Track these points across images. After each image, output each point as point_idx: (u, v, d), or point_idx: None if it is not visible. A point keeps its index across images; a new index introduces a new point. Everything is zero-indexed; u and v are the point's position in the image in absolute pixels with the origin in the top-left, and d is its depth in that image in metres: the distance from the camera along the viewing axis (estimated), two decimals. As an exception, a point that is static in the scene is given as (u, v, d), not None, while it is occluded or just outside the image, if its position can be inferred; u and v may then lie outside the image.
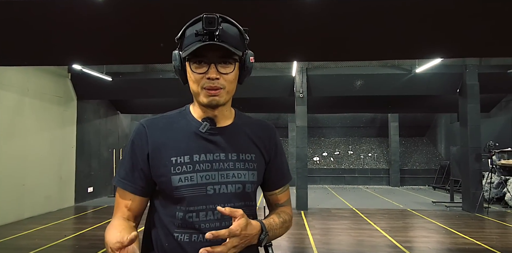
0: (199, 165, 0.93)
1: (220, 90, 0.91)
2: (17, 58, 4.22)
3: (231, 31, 0.90)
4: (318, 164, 13.86)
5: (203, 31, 0.86)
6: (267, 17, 3.33)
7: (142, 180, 0.95)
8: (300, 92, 8.04)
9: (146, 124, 0.98)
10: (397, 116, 13.43)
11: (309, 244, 4.99)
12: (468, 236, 5.45)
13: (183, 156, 0.93)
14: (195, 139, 0.95)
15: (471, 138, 7.48)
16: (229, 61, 0.91)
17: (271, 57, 4.67)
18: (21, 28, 3.52)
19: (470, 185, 7.41)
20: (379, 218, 6.91)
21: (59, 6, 3.34)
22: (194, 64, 0.90)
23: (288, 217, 1.06)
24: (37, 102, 7.14)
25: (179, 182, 0.91)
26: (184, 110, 1.03)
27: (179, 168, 0.92)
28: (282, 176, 1.09)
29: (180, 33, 0.93)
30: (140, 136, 0.96)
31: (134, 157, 0.95)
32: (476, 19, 3.24)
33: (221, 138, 0.97)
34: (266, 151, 1.04)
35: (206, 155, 0.94)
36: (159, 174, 0.93)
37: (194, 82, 0.92)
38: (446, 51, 3.96)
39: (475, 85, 7.60)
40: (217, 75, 0.89)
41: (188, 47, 0.89)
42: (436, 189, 11.98)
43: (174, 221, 0.92)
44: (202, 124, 0.96)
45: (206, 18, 0.85)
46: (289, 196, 1.14)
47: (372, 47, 3.76)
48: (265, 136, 1.05)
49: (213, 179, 0.93)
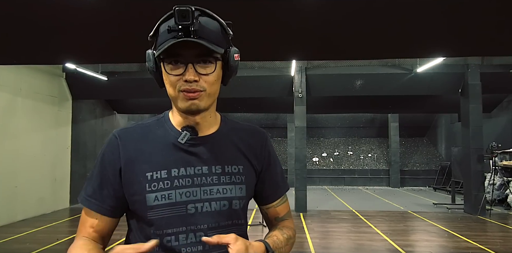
0: (178, 180, 0.81)
1: (199, 93, 0.78)
2: (6, 56, 4.09)
3: (210, 25, 0.77)
4: (317, 165, 13.73)
5: (176, 27, 0.73)
6: (265, 15, 3.22)
7: (112, 199, 0.83)
8: (299, 92, 7.91)
9: (119, 134, 0.86)
10: (397, 116, 13.32)
11: (308, 248, 4.85)
12: (471, 239, 5.32)
13: (160, 171, 0.81)
14: (173, 151, 0.83)
15: (473, 138, 7.36)
16: (209, 60, 0.78)
17: (270, 56, 4.55)
18: (10, 25, 3.39)
19: (472, 187, 7.29)
20: (380, 220, 6.78)
21: (51, 2, 3.21)
22: (169, 64, 0.78)
23: (292, 232, 0.95)
24: (30, 102, 7.00)
25: (155, 201, 0.79)
26: (162, 117, 0.90)
27: (155, 184, 0.80)
28: (277, 187, 0.97)
29: (153, 30, 0.80)
30: (111, 148, 0.84)
31: (104, 172, 0.83)
32: (480, 16, 3.12)
33: (203, 149, 0.85)
34: (257, 160, 0.92)
35: (186, 169, 0.82)
36: (132, 192, 0.81)
37: (170, 85, 0.79)
38: (448, 49, 3.85)
39: (477, 85, 7.48)
40: (195, 77, 0.76)
41: (161, 45, 0.76)
42: (436, 190, 11.87)
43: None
44: (182, 133, 0.83)
45: (179, 11, 0.72)
46: (289, 208, 1.01)
47: (372, 45, 3.64)
48: (256, 144, 0.93)
49: (195, 196, 0.81)
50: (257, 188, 0.94)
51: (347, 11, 3.18)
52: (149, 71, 0.82)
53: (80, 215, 0.86)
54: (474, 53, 5.28)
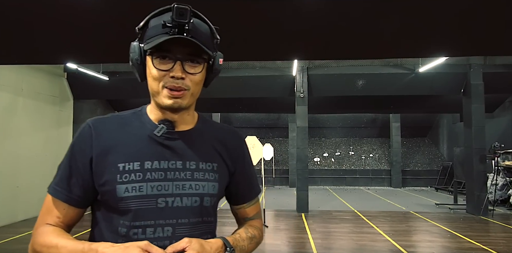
0: (150, 173, 0.80)
1: (184, 92, 0.80)
2: (7, 56, 4.08)
3: (202, 27, 0.80)
4: (319, 165, 13.71)
5: (172, 23, 0.75)
6: (266, 14, 3.20)
7: (80, 189, 0.82)
8: (301, 92, 7.89)
9: (92, 124, 0.84)
10: (399, 116, 13.29)
11: (310, 248, 4.83)
12: (474, 240, 5.29)
13: (133, 163, 0.80)
14: (148, 143, 0.83)
15: (475, 139, 7.32)
16: (198, 61, 0.80)
17: (271, 56, 4.53)
18: (12, 25, 3.37)
19: (475, 187, 7.26)
20: (382, 221, 6.75)
21: (52, 2, 3.20)
22: (157, 59, 0.79)
23: (257, 231, 0.95)
24: (32, 102, 6.99)
25: (125, 193, 0.78)
26: (139, 110, 0.90)
27: (126, 176, 0.79)
28: (251, 189, 0.98)
29: (142, 22, 0.80)
30: (83, 137, 0.83)
31: (73, 161, 0.82)
32: (483, 15, 3.10)
33: (179, 144, 0.85)
34: (231, 161, 0.92)
35: (160, 162, 0.81)
36: (103, 182, 0.80)
37: (154, 79, 0.79)
38: (450, 49, 3.82)
39: (480, 85, 7.45)
40: (182, 74, 0.78)
41: (152, 39, 0.78)
42: (438, 191, 11.83)
43: (116, 237, 0.78)
44: (158, 126, 0.83)
45: (178, 9, 0.74)
46: (259, 209, 1.03)
47: (374, 45, 3.62)
48: (232, 145, 0.94)
49: (166, 191, 0.80)
50: (230, 189, 0.94)
51: (348, 10, 3.16)
52: (133, 63, 0.82)
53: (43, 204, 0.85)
54: (476, 52, 5.25)
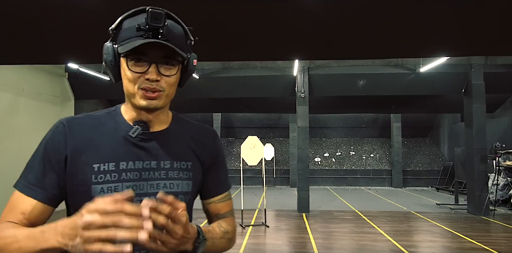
0: (125, 173, 0.81)
1: (159, 93, 0.81)
2: (8, 56, 4.08)
3: (176, 29, 0.81)
4: (320, 165, 13.70)
5: (146, 26, 0.75)
6: (267, 14, 3.20)
7: (54, 187, 0.81)
8: (302, 92, 7.89)
9: (66, 123, 0.84)
10: (400, 116, 13.28)
11: (311, 248, 4.83)
12: (475, 240, 5.29)
13: (108, 163, 0.81)
14: (123, 144, 0.83)
15: (476, 139, 7.32)
16: (172, 63, 0.81)
17: (272, 56, 4.53)
18: (11, 24, 3.38)
19: (476, 187, 7.25)
20: (383, 221, 6.75)
21: (54, 2, 3.21)
22: (132, 61, 0.79)
23: (230, 228, 0.94)
24: (33, 102, 7.00)
25: (101, 193, 0.79)
26: (114, 110, 0.90)
27: (101, 176, 0.80)
28: (220, 184, 0.99)
29: (116, 23, 0.81)
30: (57, 136, 0.83)
31: (47, 159, 0.81)
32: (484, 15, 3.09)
33: (153, 144, 0.86)
34: (206, 158, 0.94)
35: (135, 163, 0.83)
36: (77, 182, 0.80)
37: (129, 81, 0.80)
38: (451, 49, 3.82)
39: (481, 85, 7.45)
40: (157, 77, 0.79)
41: (126, 41, 0.78)
42: (439, 191, 11.82)
43: None
44: (133, 127, 0.84)
45: (152, 13, 0.75)
46: (232, 207, 1.02)
47: (375, 45, 3.62)
48: (206, 142, 0.96)
49: (141, 190, 0.82)
50: (202, 183, 0.95)
51: (349, 10, 3.16)
52: (106, 64, 0.82)
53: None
54: (477, 52, 5.25)
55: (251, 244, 5.05)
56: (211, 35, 3.20)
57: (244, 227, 6.06)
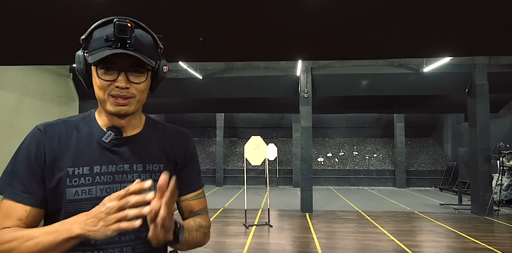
0: (99, 177, 0.86)
1: (130, 99, 0.85)
2: (15, 57, 4.12)
3: (144, 38, 0.85)
4: (323, 165, 13.70)
5: (113, 38, 0.79)
6: (271, 15, 3.21)
7: (41, 191, 0.84)
8: (305, 92, 7.90)
9: (43, 129, 0.88)
10: (403, 116, 13.25)
11: (315, 248, 4.85)
12: (479, 240, 5.28)
13: (82, 167, 0.85)
14: (97, 149, 0.88)
15: (480, 139, 7.31)
16: (141, 70, 0.85)
17: (275, 56, 4.54)
18: (19, 26, 3.42)
19: (479, 187, 7.24)
20: (386, 221, 6.75)
21: (58, 3, 3.24)
22: (102, 69, 0.83)
23: (204, 223, 0.98)
24: (38, 102, 7.05)
25: (75, 196, 0.83)
26: (88, 115, 0.94)
27: (76, 180, 0.84)
28: (192, 182, 1.02)
29: (86, 33, 0.84)
30: (36, 142, 0.86)
31: (31, 165, 0.84)
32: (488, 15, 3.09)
33: (126, 149, 0.90)
34: (178, 158, 0.98)
35: (108, 166, 0.87)
36: (53, 185, 0.84)
37: (100, 88, 0.84)
38: (455, 49, 3.81)
39: (485, 84, 7.43)
40: (127, 84, 0.83)
41: (96, 51, 0.81)
42: (443, 191, 11.79)
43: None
44: (106, 133, 0.88)
45: (118, 25, 0.78)
46: (206, 205, 1.06)
47: (378, 45, 3.62)
48: (178, 144, 0.99)
49: (114, 192, 0.84)
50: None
51: (352, 10, 3.17)
52: (78, 72, 0.86)
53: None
54: (481, 52, 5.24)
55: (254, 244, 5.07)
56: (214, 36, 3.22)
57: (248, 226, 6.08)
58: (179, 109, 10.98)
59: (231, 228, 6.11)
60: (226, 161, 14.04)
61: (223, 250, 4.82)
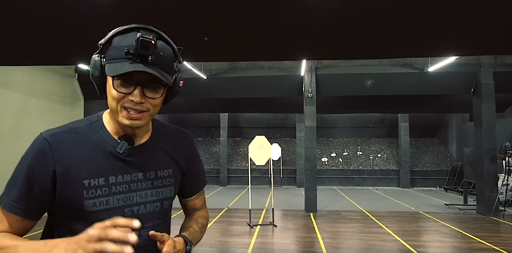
0: (115, 187, 0.86)
1: (143, 114, 0.83)
2: (22, 57, 4.16)
3: (165, 52, 0.82)
4: (327, 165, 13.68)
5: (135, 52, 0.77)
6: (275, 15, 3.22)
7: (38, 203, 0.83)
8: (309, 91, 7.90)
9: (50, 139, 0.85)
10: (407, 116, 13.19)
11: (320, 248, 4.84)
12: (484, 240, 5.25)
13: (98, 179, 0.84)
14: (111, 159, 0.87)
15: (485, 139, 7.26)
16: (158, 86, 0.83)
17: (279, 56, 4.55)
18: (25, 27, 3.44)
19: (485, 187, 7.19)
20: (391, 221, 6.73)
21: (65, 4, 3.26)
22: (118, 80, 0.80)
23: (205, 220, 1.08)
24: (44, 102, 7.11)
25: (94, 207, 0.83)
26: (96, 121, 0.91)
27: (93, 191, 0.83)
28: (198, 182, 1.09)
29: (105, 38, 0.82)
30: (43, 153, 0.83)
31: (32, 176, 0.82)
32: (494, 14, 3.08)
33: (139, 157, 0.91)
34: (183, 161, 1.01)
35: (124, 176, 0.88)
36: (68, 197, 0.82)
37: (114, 99, 0.82)
38: (461, 48, 3.80)
39: (490, 84, 7.38)
40: (142, 100, 0.81)
41: (114, 61, 0.79)
42: (448, 191, 11.73)
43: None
44: (120, 143, 0.87)
45: (142, 41, 0.76)
46: (204, 199, 1.14)
47: (383, 44, 3.61)
48: (183, 146, 1.02)
49: (131, 201, 0.88)
50: (181, 184, 1.03)
51: (357, 10, 3.16)
52: (92, 77, 0.84)
53: None
54: (487, 51, 5.21)
55: (259, 243, 5.07)
56: (219, 36, 3.23)
57: (252, 226, 6.09)
58: (183, 109, 11.00)
59: (236, 227, 6.12)
60: (230, 161, 14.05)
61: (228, 250, 4.83)
